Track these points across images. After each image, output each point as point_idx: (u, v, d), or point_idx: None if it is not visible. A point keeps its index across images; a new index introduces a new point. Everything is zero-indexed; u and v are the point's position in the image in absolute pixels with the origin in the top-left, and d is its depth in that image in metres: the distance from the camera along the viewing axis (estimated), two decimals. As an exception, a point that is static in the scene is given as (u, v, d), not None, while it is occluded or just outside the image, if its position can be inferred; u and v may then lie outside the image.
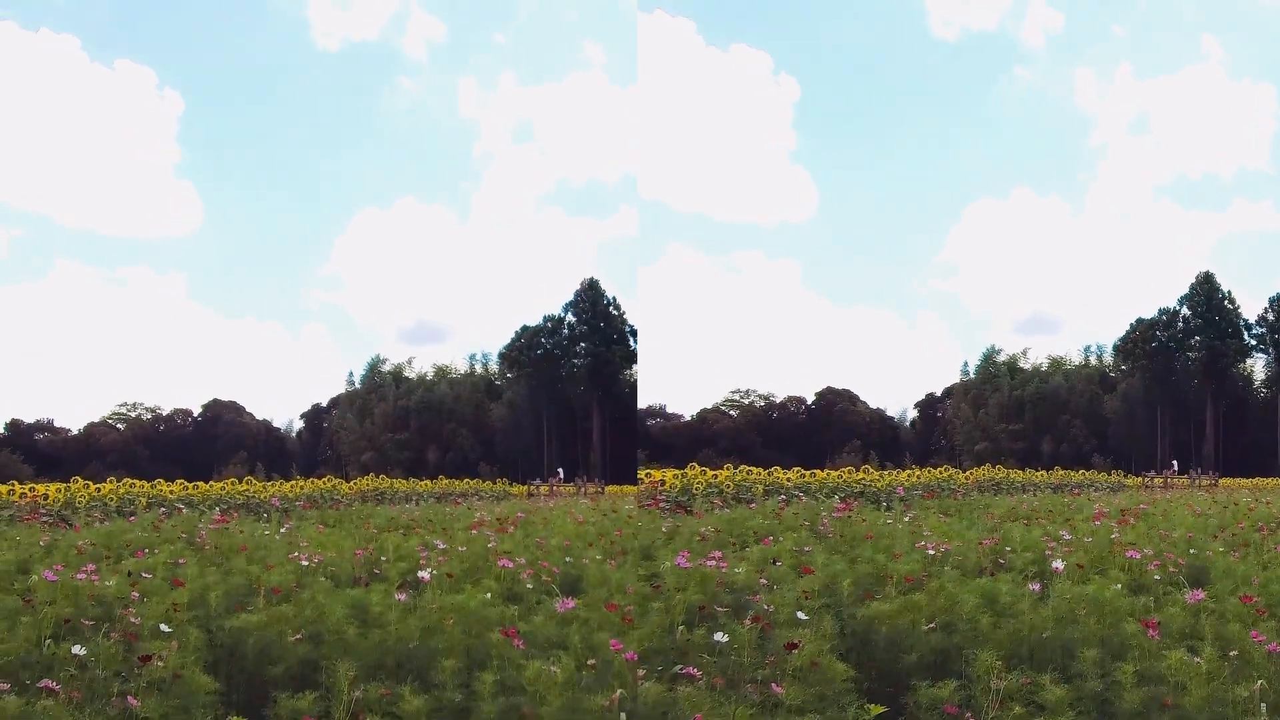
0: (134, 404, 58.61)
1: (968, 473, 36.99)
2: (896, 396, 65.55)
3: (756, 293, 61.39)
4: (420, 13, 63.27)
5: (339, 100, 65.55)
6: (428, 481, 44.67)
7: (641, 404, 57.48)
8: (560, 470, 49.30)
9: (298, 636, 7.42)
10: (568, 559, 10.79)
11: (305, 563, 10.28)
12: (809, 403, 60.66)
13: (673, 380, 63.18)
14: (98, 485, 26.82)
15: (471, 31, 64.45)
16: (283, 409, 63.08)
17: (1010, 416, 56.77)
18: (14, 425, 55.96)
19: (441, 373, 57.08)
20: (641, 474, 26.04)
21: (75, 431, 57.24)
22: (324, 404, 60.43)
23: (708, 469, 25.84)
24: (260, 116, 66.15)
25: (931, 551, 9.90)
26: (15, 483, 28.52)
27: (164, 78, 61.11)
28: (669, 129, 59.33)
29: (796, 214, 65.88)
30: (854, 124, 66.04)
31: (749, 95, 58.68)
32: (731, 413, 59.38)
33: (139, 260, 67.80)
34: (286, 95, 65.95)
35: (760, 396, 60.08)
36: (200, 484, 30.12)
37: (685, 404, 59.92)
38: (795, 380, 61.23)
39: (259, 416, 60.34)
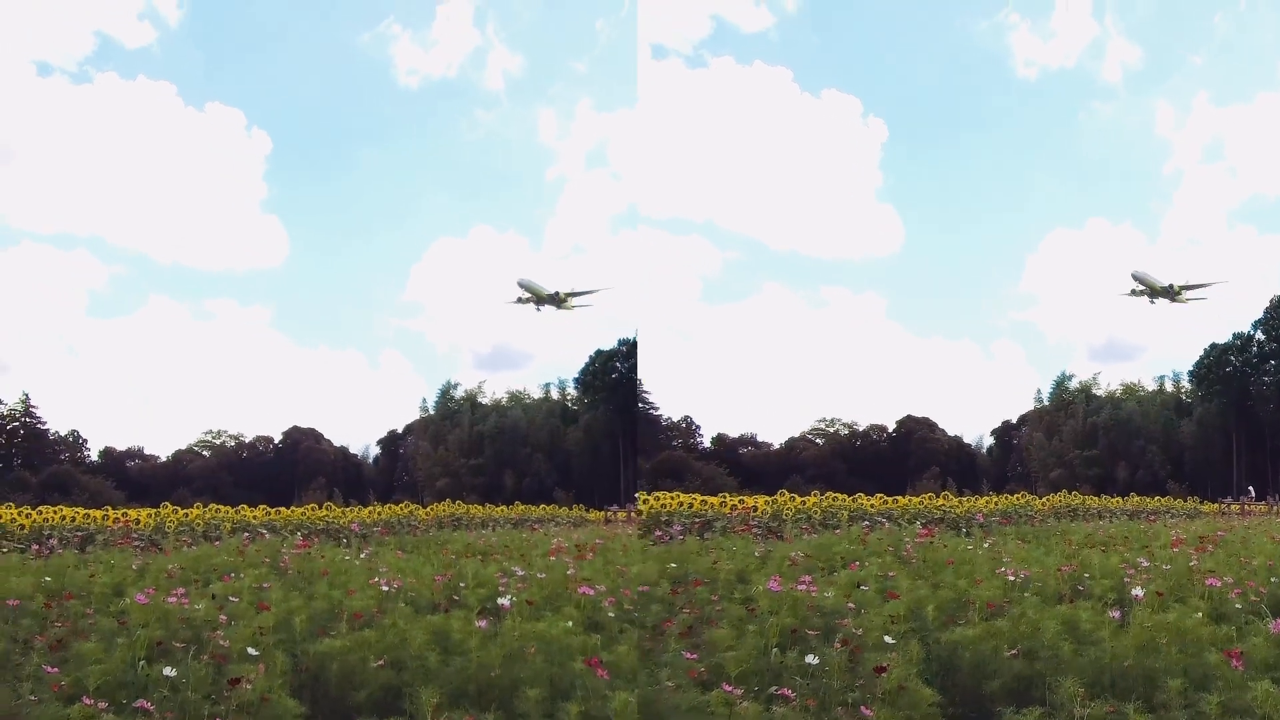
0: (218, 431, 59.88)
1: (1044, 499, 36.82)
2: (974, 424, 65.76)
3: (843, 325, 63.30)
4: (501, 47, 64.63)
5: (418, 135, 67.38)
6: (504, 507, 44.99)
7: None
8: (637, 496, 49.36)
9: (380, 662, 7.57)
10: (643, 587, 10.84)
11: (385, 588, 10.46)
12: (890, 430, 61.16)
13: (763, 410, 65.29)
14: (185, 511, 27.53)
15: (551, 62, 65.53)
16: (360, 435, 64.05)
17: (1085, 443, 56.32)
18: (107, 453, 57.53)
19: (515, 398, 57.63)
20: (643, 499, 26.45)
21: (164, 459, 58.65)
22: (400, 430, 61.28)
23: (796, 495, 26.98)
24: (343, 152, 68.23)
25: (1011, 577, 9.90)
26: (109, 508, 29.52)
27: (252, 118, 62.95)
28: (765, 172, 61.45)
29: (882, 249, 67.87)
30: (938, 162, 69.05)
31: (839, 138, 61.47)
32: (818, 440, 60.26)
33: (225, 293, 69.91)
34: (368, 132, 67.97)
35: (844, 425, 60.65)
36: (282, 509, 30.73)
37: (774, 433, 60.70)
38: (878, 409, 62.36)
39: (337, 443, 61.32)
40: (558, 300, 56.39)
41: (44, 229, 67.39)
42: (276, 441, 61.21)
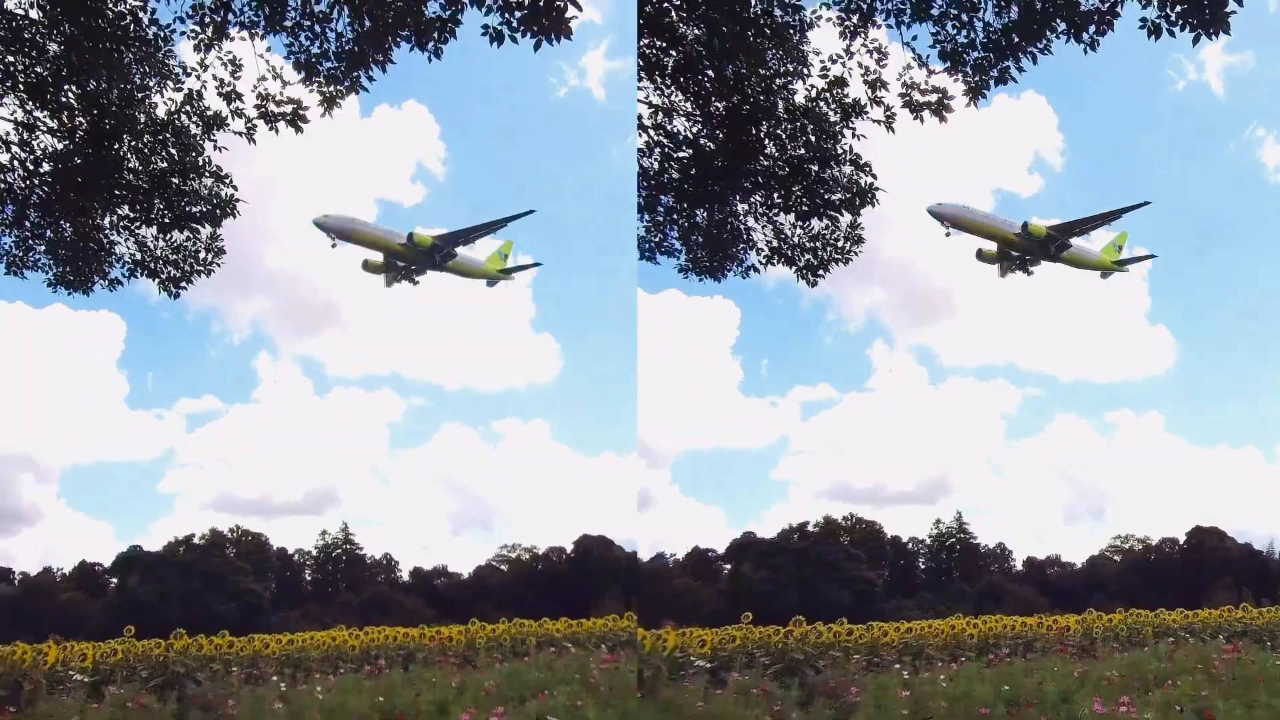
0: (513, 545, 62.97)
1: (1349, 606, 34.57)
2: (1262, 529, 64.83)
3: (1129, 444, 67.95)
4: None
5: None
6: None
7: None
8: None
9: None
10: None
11: None
12: (1181, 542, 62.77)
13: (1065, 531, 71.63)
14: (492, 626, 29.12)
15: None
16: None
17: (1381, 540, 52.67)
18: (416, 572, 61.62)
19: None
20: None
21: (466, 575, 62.18)
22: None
23: (1102, 614, 28.76)
24: (596, 268, 73.30)
25: (1331, 694, 9.46)
26: (424, 626, 31.64)
27: (518, 246, 69.40)
28: (1049, 312, 67.23)
29: (1158, 367, 74.26)
30: (1201, 278, 75.90)
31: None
32: (1115, 557, 63.17)
33: (509, 412, 75.40)
34: (610, 246, 73.01)
35: (1138, 540, 63.25)
36: (582, 621, 31.73)
37: (1076, 553, 65.10)
38: (1168, 522, 66.57)
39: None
40: (429, 251, 44.85)
41: (352, 373, 76.04)
42: (569, 551, 63.54)
